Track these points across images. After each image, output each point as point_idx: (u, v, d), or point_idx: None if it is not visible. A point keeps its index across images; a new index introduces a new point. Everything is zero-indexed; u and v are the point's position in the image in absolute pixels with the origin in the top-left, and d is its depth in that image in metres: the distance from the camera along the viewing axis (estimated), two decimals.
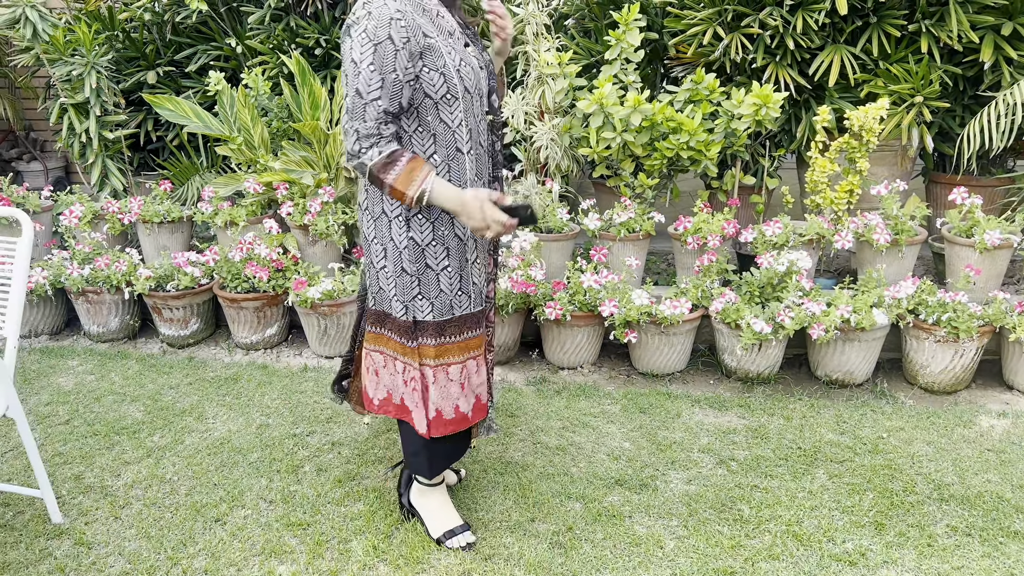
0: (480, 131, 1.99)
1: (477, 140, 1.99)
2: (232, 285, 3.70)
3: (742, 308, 3.21)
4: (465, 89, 1.90)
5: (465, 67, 1.91)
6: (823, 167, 3.71)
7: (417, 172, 1.84)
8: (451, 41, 1.92)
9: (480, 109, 1.97)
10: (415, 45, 1.81)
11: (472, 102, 1.94)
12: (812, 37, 3.82)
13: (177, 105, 4.01)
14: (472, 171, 2.00)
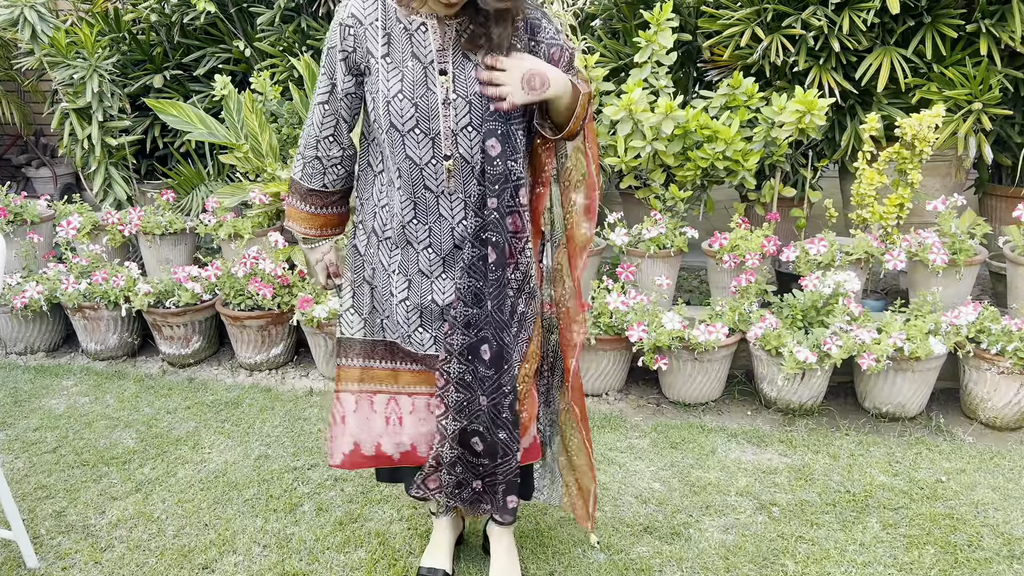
0: (429, 175, 1.72)
1: (419, 183, 1.73)
2: (235, 302, 3.53)
3: (784, 334, 2.97)
4: (391, 125, 1.68)
5: (400, 101, 1.67)
6: (871, 179, 3.46)
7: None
8: (404, 65, 1.68)
9: (426, 151, 1.70)
10: (360, 58, 1.70)
11: (401, 141, 1.70)
12: (860, 38, 3.57)
13: (181, 111, 3.86)
14: (403, 213, 1.77)
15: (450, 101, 1.66)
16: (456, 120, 1.67)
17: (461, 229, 1.76)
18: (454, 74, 1.67)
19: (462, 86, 1.67)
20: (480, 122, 1.68)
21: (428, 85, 1.66)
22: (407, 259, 1.81)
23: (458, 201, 1.73)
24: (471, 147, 1.69)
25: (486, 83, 1.65)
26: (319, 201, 1.88)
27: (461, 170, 1.70)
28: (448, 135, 1.67)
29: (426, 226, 1.77)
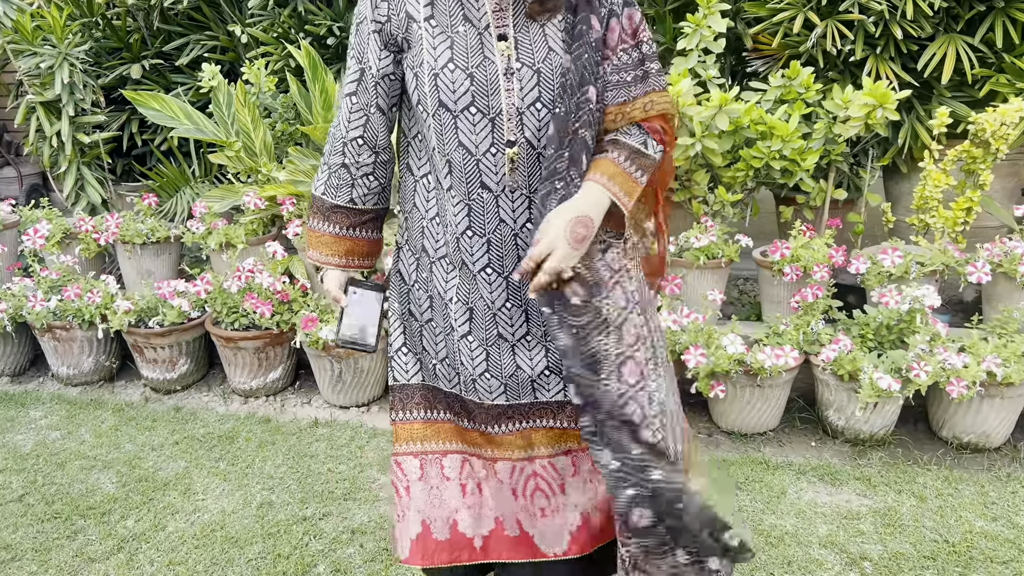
0: (488, 168, 1.40)
1: (475, 179, 1.41)
2: (228, 320, 3.14)
3: (859, 358, 2.65)
4: (440, 104, 1.38)
5: (452, 72, 1.37)
6: (937, 180, 3.14)
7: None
8: (454, 30, 1.38)
9: (484, 136, 1.39)
10: (396, 27, 1.41)
11: (453, 124, 1.39)
12: (923, 25, 3.26)
13: (164, 104, 3.46)
14: (458, 222, 1.44)
15: (513, 71, 1.36)
16: (522, 95, 1.36)
17: (526, 235, 1.42)
18: (516, 39, 1.37)
19: (527, 53, 1.37)
20: (552, 97, 1.36)
21: (485, 53, 1.36)
22: (466, 283, 1.47)
23: (521, 199, 1.41)
24: (539, 128, 1.38)
25: (526, 271, 1.36)
26: (346, 220, 1.54)
27: (526, 160, 1.39)
28: (512, 115, 1.36)
29: (483, 238, 1.43)
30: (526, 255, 1.35)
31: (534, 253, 1.33)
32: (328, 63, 3.81)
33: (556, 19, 1.37)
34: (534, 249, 1.33)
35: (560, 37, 1.37)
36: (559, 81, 1.35)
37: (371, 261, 1.61)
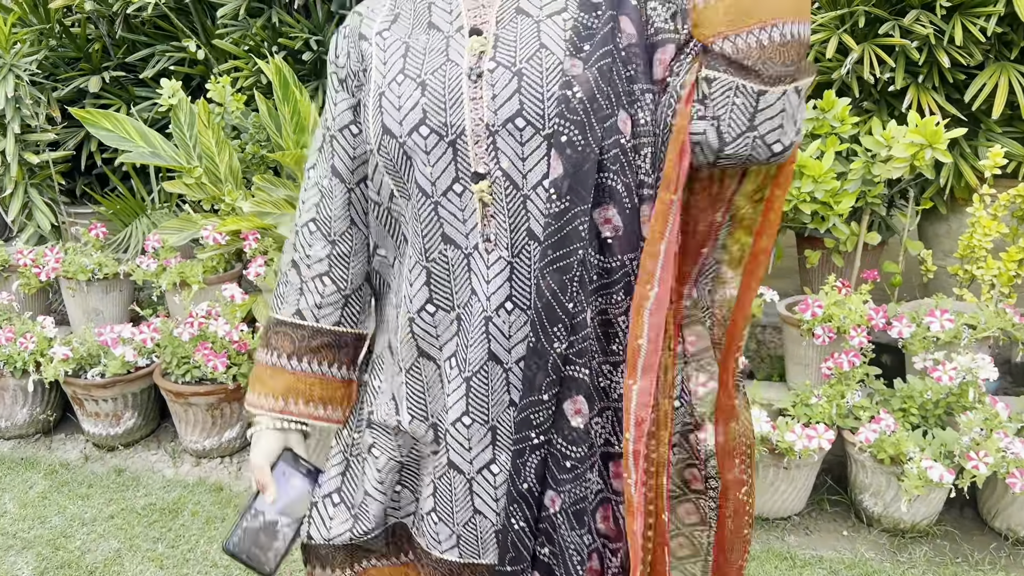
0: (447, 216, 1.02)
1: (434, 230, 1.03)
2: (178, 372, 2.79)
3: (903, 440, 2.29)
4: (383, 128, 1.01)
5: (400, 84, 1.00)
6: (988, 228, 2.80)
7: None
8: (413, 37, 1.03)
9: (443, 166, 1.00)
10: (354, 61, 1.07)
11: (401, 153, 1.01)
12: (972, 51, 2.92)
13: (118, 124, 3.13)
14: (414, 294, 1.06)
15: (482, 72, 0.97)
16: (494, 107, 0.96)
17: (503, 324, 1.00)
18: (497, 35, 0.99)
19: (507, 50, 0.98)
20: (541, 112, 0.95)
21: (449, 55, 1.00)
22: (422, 382, 1.09)
23: (499, 265, 1.00)
24: (523, 156, 0.97)
25: None
26: (287, 343, 1.12)
27: (506, 202, 0.98)
28: (480, 135, 0.97)
29: (451, 313, 1.04)
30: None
31: None
32: (304, 80, 3.47)
33: (561, 15, 0.98)
34: None
35: (564, 37, 0.97)
36: (557, 93, 0.95)
37: (327, 412, 1.14)
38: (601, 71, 0.95)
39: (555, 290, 0.96)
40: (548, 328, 0.97)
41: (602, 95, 0.95)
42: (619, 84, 0.95)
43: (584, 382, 0.99)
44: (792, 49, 0.89)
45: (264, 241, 3.01)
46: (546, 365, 0.98)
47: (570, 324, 0.97)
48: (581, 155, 0.94)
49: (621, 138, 0.95)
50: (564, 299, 0.96)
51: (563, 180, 0.95)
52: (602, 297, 0.99)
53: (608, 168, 0.95)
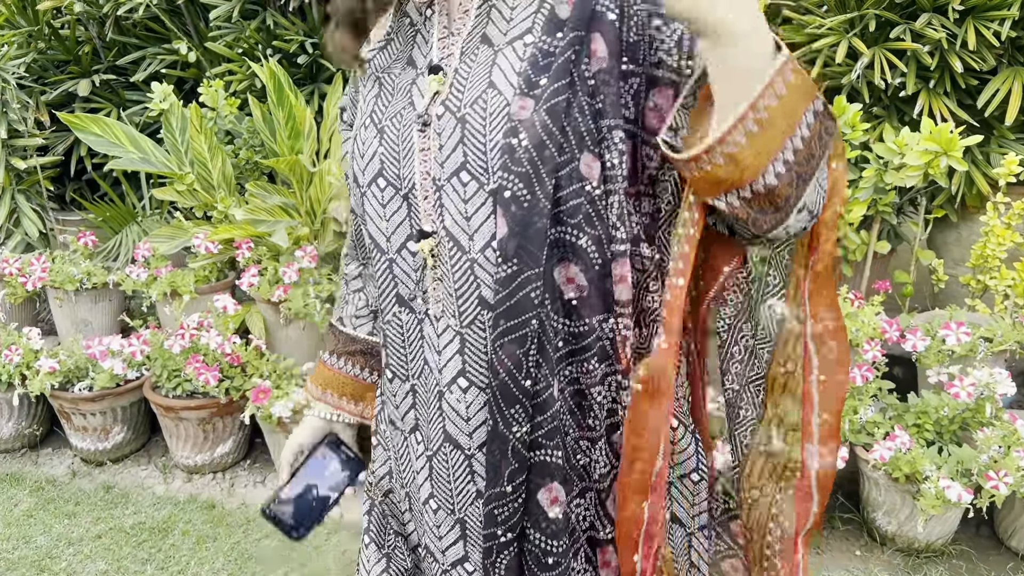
0: (400, 276, 0.94)
1: (389, 288, 0.96)
2: (169, 386, 2.72)
3: (919, 458, 2.22)
4: (353, 175, 0.96)
5: (366, 129, 0.94)
6: (1002, 237, 2.73)
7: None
8: (388, 71, 0.94)
9: (396, 221, 0.92)
10: (352, 90, 1.04)
11: (361, 205, 0.95)
12: (985, 56, 2.85)
13: (107, 129, 3.05)
14: (386, 353, 1.02)
15: (430, 120, 0.87)
16: (441, 158, 0.86)
17: (456, 402, 0.91)
18: (457, 71, 0.87)
19: (458, 90, 0.86)
20: (485, 165, 0.84)
21: (411, 96, 0.90)
22: (396, 448, 1.07)
23: (448, 336, 0.91)
24: (468, 215, 0.86)
25: None
26: (332, 342, 1.21)
27: (451, 265, 0.89)
28: (428, 189, 0.88)
29: (406, 383, 0.98)
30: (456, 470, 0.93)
31: None
32: (299, 84, 3.40)
33: (523, 39, 0.84)
34: None
35: (517, 70, 0.83)
36: (501, 142, 0.82)
37: (357, 408, 1.18)
38: (553, 111, 0.80)
39: (509, 366, 0.83)
40: (504, 410, 0.84)
41: (554, 140, 0.80)
42: (581, 122, 0.81)
43: (558, 466, 0.86)
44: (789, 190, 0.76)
45: (258, 250, 2.94)
46: (507, 452, 0.86)
47: (531, 404, 0.84)
48: (528, 211, 0.81)
49: (586, 185, 0.82)
50: (520, 376, 0.83)
51: (508, 240, 0.82)
52: (572, 366, 0.87)
53: (567, 221, 0.82)
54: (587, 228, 0.82)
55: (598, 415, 0.88)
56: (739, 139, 0.71)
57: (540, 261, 0.81)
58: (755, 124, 0.71)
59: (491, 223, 0.84)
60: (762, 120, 0.71)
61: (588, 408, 0.88)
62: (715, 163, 0.72)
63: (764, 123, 0.71)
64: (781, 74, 0.70)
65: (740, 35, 0.70)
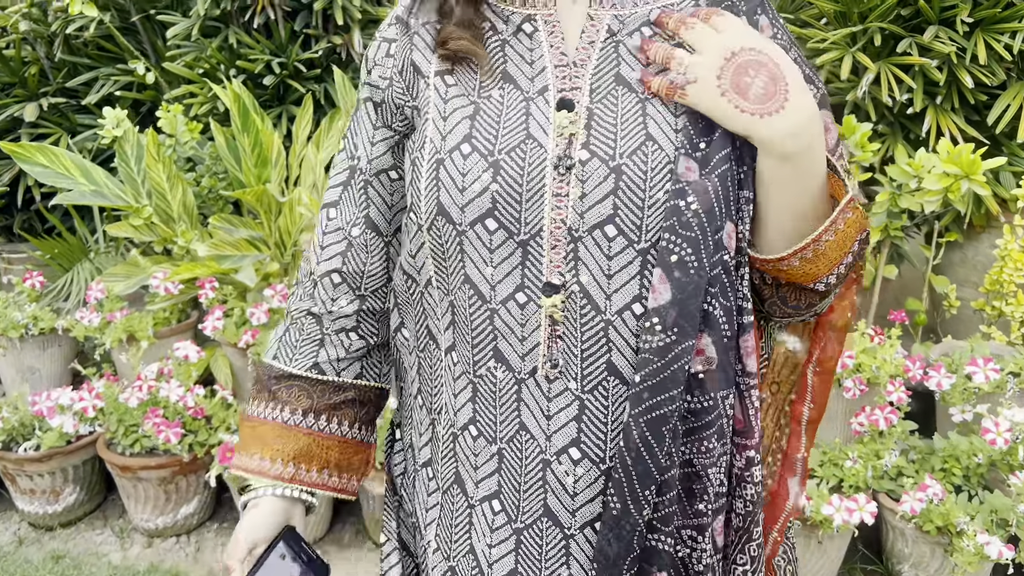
0: (506, 328, 0.84)
1: (485, 344, 0.85)
2: (125, 443, 2.47)
3: (952, 509, 2.05)
4: (439, 208, 0.84)
5: (466, 157, 0.82)
6: (1019, 261, 2.59)
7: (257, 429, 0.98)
8: (483, 94, 0.85)
9: (507, 271, 0.83)
10: (400, 92, 0.90)
11: (458, 245, 0.84)
12: (996, 70, 2.72)
13: (54, 159, 2.81)
14: (458, 407, 0.89)
15: (573, 164, 0.80)
16: (582, 208, 0.79)
17: (564, 472, 0.83)
18: (592, 111, 0.81)
19: (605, 137, 0.80)
20: (638, 222, 0.79)
21: (530, 129, 0.81)
22: (454, 516, 0.92)
23: (565, 398, 0.83)
24: (610, 272, 0.80)
25: (647, 58, 0.81)
26: (303, 398, 0.97)
27: (580, 324, 0.81)
28: (561, 240, 0.80)
29: (493, 445, 0.87)
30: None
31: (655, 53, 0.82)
32: (266, 106, 3.18)
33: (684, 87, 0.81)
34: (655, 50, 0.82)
35: (675, 126, 0.80)
36: (663, 200, 0.78)
37: (342, 482, 1.00)
38: (723, 178, 0.78)
39: (651, 443, 0.78)
40: (639, 491, 0.78)
41: (719, 208, 0.78)
42: (731, 190, 0.80)
43: (668, 554, 0.81)
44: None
45: (222, 289, 2.71)
46: (630, 537, 0.79)
47: (661, 484, 0.79)
48: (692, 279, 0.77)
49: (725, 255, 0.79)
50: (660, 454, 0.78)
51: (669, 309, 0.77)
52: (687, 446, 0.81)
53: (708, 291, 0.79)
54: (722, 298, 0.79)
55: (710, 499, 0.82)
56: (794, 263, 0.80)
57: (695, 333, 0.77)
58: (813, 253, 0.80)
59: (634, 284, 0.80)
60: (818, 251, 0.80)
61: (701, 492, 0.82)
62: (797, 259, 0.81)
63: (819, 253, 0.80)
64: (843, 212, 0.79)
65: (794, 155, 0.78)
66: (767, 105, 0.76)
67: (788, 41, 0.85)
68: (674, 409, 0.78)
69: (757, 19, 0.83)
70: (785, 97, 0.76)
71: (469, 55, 0.85)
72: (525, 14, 0.85)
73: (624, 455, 0.78)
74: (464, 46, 0.84)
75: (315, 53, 3.11)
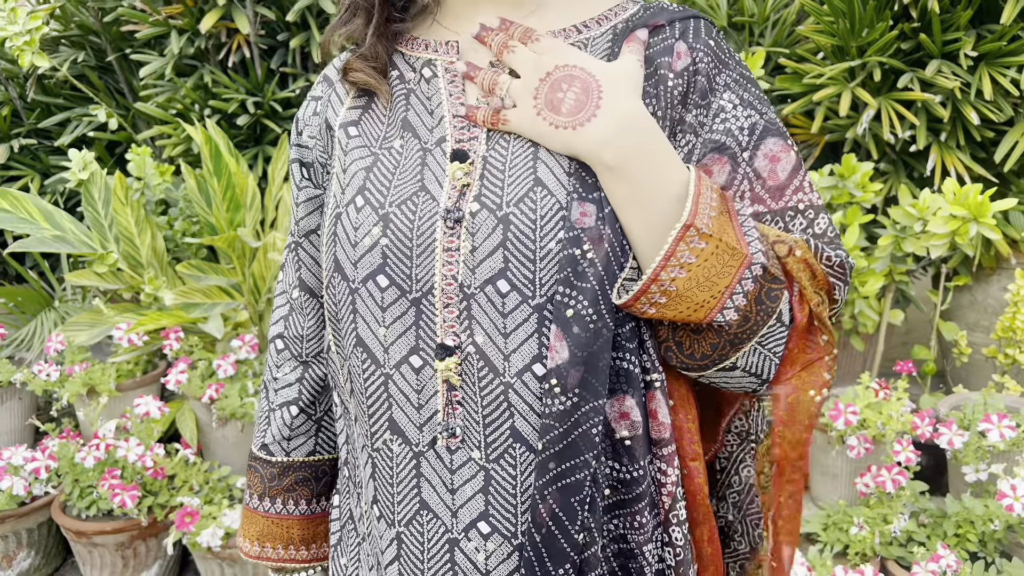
0: (397, 397, 0.79)
1: (380, 415, 0.81)
2: (81, 505, 2.34)
3: None
4: (335, 264, 0.81)
5: (359, 211, 0.80)
6: None
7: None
8: (384, 145, 0.82)
9: (400, 332, 0.78)
10: (319, 150, 0.89)
11: (350, 304, 0.80)
12: (1002, 106, 2.61)
13: (17, 203, 2.72)
14: (366, 482, 0.85)
15: (462, 218, 0.76)
16: (473, 263, 0.76)
17: (474, 549, 0.77)
18: (486, 160, 0.77)
19: (495, 187, 0.76)
20: (531, 275, 0.74)
21: (424, 181, 0.79)
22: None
23: (468, 468, 0.78)
24: (506, 331, 0.75)
25: (472, 71, 0.80)
26: (257, 483, 0.99)
27: (478, 388, 0.77)
28: (454, 297, 0.76)
29: (392, 529, 0.81)
30: None
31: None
32: (241, 147, 3.09)
33: None
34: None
35: (569, 167, 0.75)
36: (556, 251, 0.73)
37: (310, 553, 1.01)
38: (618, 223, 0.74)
39: (560, 517, 0.72)
40: (551, 570, 0.73)
41: (616, 256, 0.73)
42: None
43: None
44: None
45: (188, 339, 2.59)
46: None
47: (579, 562, 0.73)
48: (594, 335, 0.71)
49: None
50: (573, 530, 0.72)
51: (569, 368, 0.71)
52: (619, 519, 0.76)
53: (623, 346, 0.74)
54: (637, 354, 0.75)
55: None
56: (645, 308, 0.72)
57: (603, 393, 0.72)
58: (661, 295, 0.71)
59: (533, 343, 0.75)
60: (669, 292, 0.71)
61: (638, 571, 0.76)
62: (650, 306, 0.72)
63: (672, 295, 0.71)
64: (685, 241, 0.70)
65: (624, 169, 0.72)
66: (579, 116, 0.72)
67: (714, 63, 0.78)
68: (584, 478, 0.72)
69: (673, 44, 0.78)
70: (597, 105, 0.72)
71: (369, 88, 0.83)
72: (426, 59, 0.84)
73: (531, 531, 0.73)
74: (362, 78, 0.82)
75: (292, 92, 3.02)
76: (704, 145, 0.77)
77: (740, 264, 0.70)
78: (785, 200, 0.77)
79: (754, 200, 0.77)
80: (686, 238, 0.69)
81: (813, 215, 0.77)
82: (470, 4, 0.82)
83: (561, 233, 0.73)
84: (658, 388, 0.76)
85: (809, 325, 0.76)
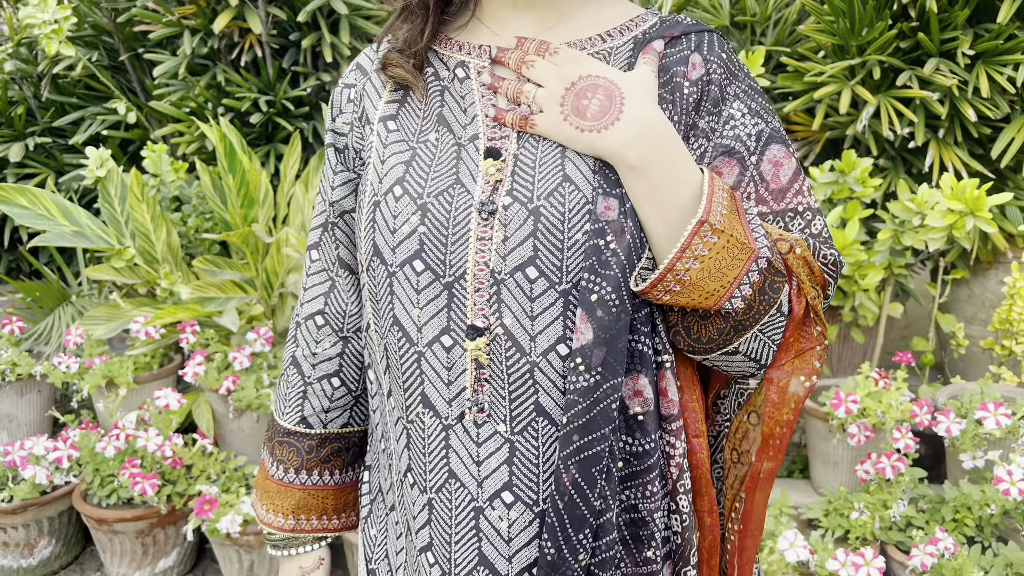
0: (429, 373, 0.86)
1: (414, 387, 0.87)
2: (102, 494, 2.41)
3: (966, 564, 1.97)
4: (373, 250, 0.87)
5: (397, 199, 0.86)
6: None
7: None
8: (420, 138, 0.88)
9: (433, 313, 0.85)
10: (356, 137, 0.94)
11: (388, 287, 0.87)
12: (999, 103, 2.67)
13: (35, 200, 2.78)
14: (399, 453, 0.91)
15: (496, 210, 0.83)
16: (504, 251, 0.82)
17: (498, 518, 0.83)
18: (517, 158, 0.84)
19: (526, 182, 0.83)
20: (559, 263, 0.81)
21: (459, 175, 0.85)
22: (409, 566, 0.94)
23: (494, 441, 0.84)
24: (533, 314, 0.82)
25: (496, 82, 0.87)
26: (293, 455, 1.02)
27: (505, 367, 0.83)
28: (484, 282, 0.83)
29: (424, 495, 0.87)
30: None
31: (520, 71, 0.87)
32: (254, 145, 3.16)
33: None
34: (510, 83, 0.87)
35: (594, 165, 0.82)
36: (582, 241, 0.80)
37: (342, 521, 1.06)
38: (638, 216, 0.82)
39: (581, 486, 0.79)
40: (572, 535, 0.79)
41: (636, 246, 0.81)
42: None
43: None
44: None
45: (204, 333, 2.66)
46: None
47: (596, 527, 0.80)
48: (615, 318, 0.79)
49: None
50: (592, 496, 0.79)
51: (593, 348, 0.78)
52: (631, 490, 0.84)
53: (639, 329, 0.82)
54: (650, 336, 0.82)
55: (658, 546, 0.84)
56: (660, 295, 0.79)
57: (620, 372, 0.79)
58: (676, 283, 0.78)
59: (558, 325, 0.81)
60: (683, 281, 0.77)
61: (648, 538, 0.83)
62: (665, 293, 0.79)
63: (686, 284, 0.77)
64: (700, 236, 0.76)
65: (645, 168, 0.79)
66: (603, 120, 0.80)
67: (726, 75, 0.86)
68: (604, 450, 0.78)
69: (688, 55, 0.86)
70: (620, 109, 0.79)
71: (407, 83, 0.89)
72: (459, 59, 0.90)
73: (555, 499, 0.79)
74: (400, 74, 0.89)
75: (303, 91, 3.09)
76: (715, 149, 0.84)
77: (748, 258, 0.78)
78: (786, 202, 0.85)
79: (758, 201, 0.85)
80: (700, 232, 0.77)
81: (811, 216, 0.85)
82: (507, 6, 0.89)
83: (588, 225, 0.80)
84: (668, 368, 0.83)
85: (805, 317, 0.83)
